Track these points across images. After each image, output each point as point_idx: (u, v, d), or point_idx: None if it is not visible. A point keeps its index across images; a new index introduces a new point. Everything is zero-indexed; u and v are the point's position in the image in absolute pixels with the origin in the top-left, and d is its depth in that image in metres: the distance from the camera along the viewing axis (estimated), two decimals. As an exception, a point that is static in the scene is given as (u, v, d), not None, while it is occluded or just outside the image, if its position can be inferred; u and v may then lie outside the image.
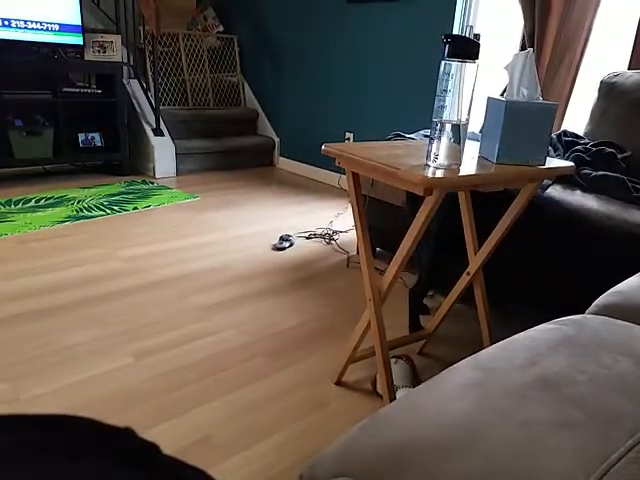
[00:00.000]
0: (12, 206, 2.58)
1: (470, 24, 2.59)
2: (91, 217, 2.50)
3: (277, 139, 3.90)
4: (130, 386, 1.28)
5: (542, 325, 0.80)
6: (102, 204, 2.70)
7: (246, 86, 4.05)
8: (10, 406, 1.17)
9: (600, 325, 0.80)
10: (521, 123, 1.00)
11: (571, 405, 0.58)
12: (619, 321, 0.82)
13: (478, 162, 1.03)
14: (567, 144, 1.79)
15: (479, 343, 1.35)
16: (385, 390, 1.15)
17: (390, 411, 0.62)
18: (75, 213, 2.53)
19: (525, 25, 2.19)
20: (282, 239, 2.29)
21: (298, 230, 2.50)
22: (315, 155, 3.50)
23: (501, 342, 0.76)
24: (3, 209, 2.52)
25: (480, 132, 1.12)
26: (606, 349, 0.72)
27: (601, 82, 1.87)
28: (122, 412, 1.18)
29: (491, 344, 0.77)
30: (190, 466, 0.31)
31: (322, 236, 2.44)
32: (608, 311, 0.89)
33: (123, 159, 3.32)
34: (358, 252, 1.16)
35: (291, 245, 2.29)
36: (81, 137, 3.25)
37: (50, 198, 2.74)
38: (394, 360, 1.32)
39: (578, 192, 1.49)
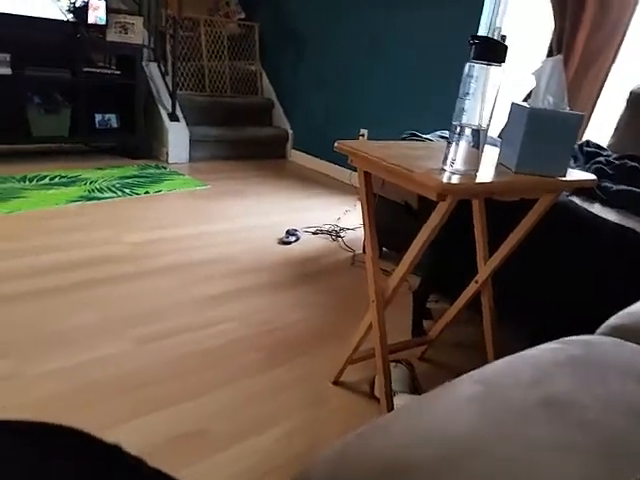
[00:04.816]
0: (27, 182, 2.59)
1: (498, 25, 2.54)
2: (102, 199, 2.50)
3: (291, 131, 3.88)
4: (129, 372, 1.27)
5: (550, 343, 0.78)
6: (114, 186, 2.70)
7: (264, 75, 4.02)
8: (9, 382, 1.17)
9: (610, 347, 0.77)
10: (544, 132, 0.96)
11: (576, 428, 0.55)
12: (630, 344, 0.79)
13: (496, 169, 1.00)
14: (588, 155, 1.74)
15: (482, 351, 1.32)
16: (383, 394, 1.14)
17: (388, 422, 0.60)
18: (87, 193, 2.53)
19: (555, 29, 2.14)
20: (288, 233, 2.28)
21: (305, 225, 2.48)
22: (328, 150, 3.46)
23: (506, 357, 0.73)
24: (18, 185, 2.53)
25: (499, 137, 1.09)
26: (615, 372, 0.69)
27: (631, 92, 1.82)
28: (119, 397, 1.17)
29: (495, 358, 0.74)
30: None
31: (329, 232, 2.42)
32: (619, 333, 0.86)
33: (138, 142, 3.32)
34: (364, 251, 1.14)
35: (297, 240, 2.27)
36: (98, 118, 3.26)
37: (64, 177, 2.75)
38: (394, 364, 1.30)
39: (597, 205, 1.45)
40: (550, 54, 2.21)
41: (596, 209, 1.38)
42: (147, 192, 2.68)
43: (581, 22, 2.06)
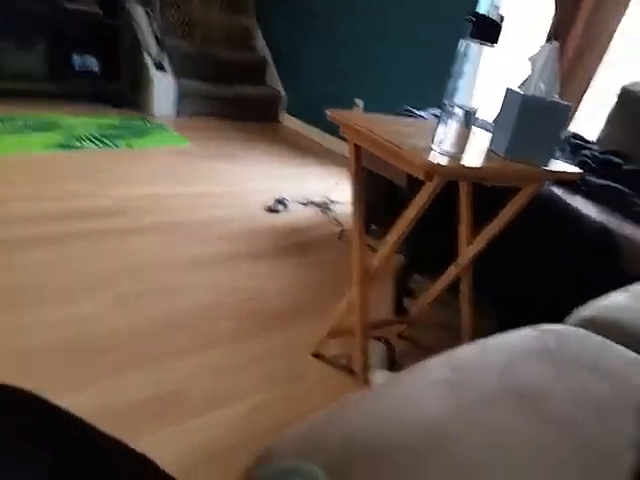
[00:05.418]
0: (-1, 124, 2.47)
1: (496, 4, 2.48)
2: (81, 148, 2.41)
3: (284, 93, 3.77)
4: (107, 329, 1.26)
5: (522, 330, 0.79)
6: (94, 136, 2.60)
7: (258, 31, 3.87)
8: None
9: (580, 339, 0.80)
10: (534, 119, 0.96)
11: (544, 422, 0.57)
12: (598, 337, 0.81)
13: (486, 154, 0.99)
14: (574, 147, 1.75)
15: (460, 333, 1.34)
16: (360, 369, 1.15)
17: (359, 402, 0.60)
18: (65, 141, 2.44)
19: (555, 16, 2.11)
20: (277, 201, 2.24)
21: (295, 194, 2.43)
22: (321, 117, 3.39)
23: (479, 342, 0.75)
24: (-11, 125, 2.41)
25: (494, 122, 1.08)
26: (584, 367, 0.71)
27: (622, 88, 1.82)
28: (98, 355, 1.16)
29: (470, 341, 0.76)
30: None
31: (318, 204, 2.39)
32: (589, 324, 0.88)
33: (121, 90, 3.18)
34: (351, 227, 1.13)
35: (285, 209, 2.24)
36: (77, 60, 3.08)
37: (39, 121, 2.63)
38: (373, 340, 1.32)
39: (578, 198, 1.46)
40: (549, 41, 2.18)
41: (578, 202, 1.40)
42: (129, 145, 2.59)
43: (578, 9, 2.03)
